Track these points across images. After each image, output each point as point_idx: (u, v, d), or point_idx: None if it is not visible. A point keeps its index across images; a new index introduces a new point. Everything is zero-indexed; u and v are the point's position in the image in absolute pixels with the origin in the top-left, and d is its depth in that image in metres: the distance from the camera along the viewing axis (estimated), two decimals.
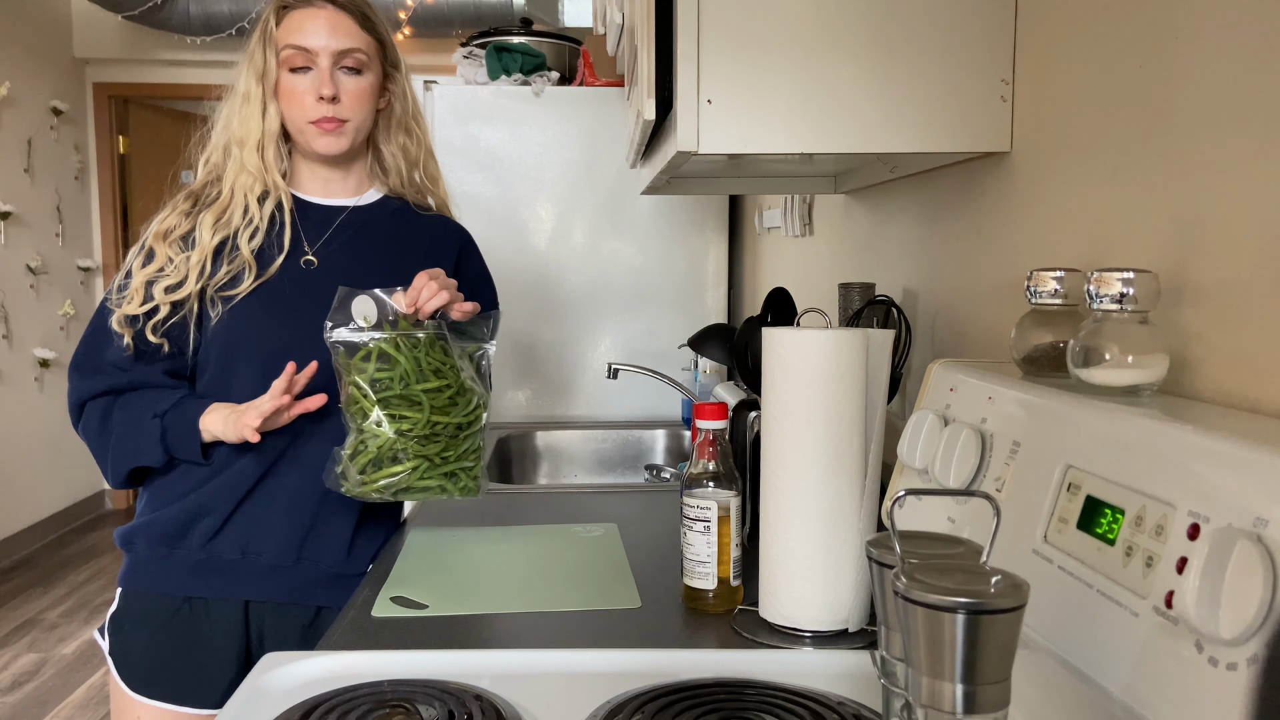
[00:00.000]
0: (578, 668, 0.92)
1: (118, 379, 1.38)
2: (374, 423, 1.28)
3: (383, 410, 1.27)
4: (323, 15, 1.38)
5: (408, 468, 1.28)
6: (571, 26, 4.43)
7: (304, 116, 1.39)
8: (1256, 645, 0.53)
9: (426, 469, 1.30)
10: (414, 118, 1.51)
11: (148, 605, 1.41)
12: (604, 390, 2.74)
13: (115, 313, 1.36)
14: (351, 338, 1.29)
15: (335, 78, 1.38)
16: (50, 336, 5.32)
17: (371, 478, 1.29)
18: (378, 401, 1.27)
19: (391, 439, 1.27)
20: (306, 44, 1.37)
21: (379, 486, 1.29)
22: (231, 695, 0.88)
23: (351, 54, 1.39)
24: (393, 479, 1.28)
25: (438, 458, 1.30)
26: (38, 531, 5.11)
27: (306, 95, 1.38)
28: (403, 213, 1.52)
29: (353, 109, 1.41)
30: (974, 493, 0.61)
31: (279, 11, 1.39)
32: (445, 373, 1.31)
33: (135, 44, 5.50)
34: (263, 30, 1.39)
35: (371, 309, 1.30)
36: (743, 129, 1.08)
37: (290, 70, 1.38)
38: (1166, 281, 0.81)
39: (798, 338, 0.96)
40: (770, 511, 0.99)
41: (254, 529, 1.40)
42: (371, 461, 1.28)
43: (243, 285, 1.37)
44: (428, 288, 1.30)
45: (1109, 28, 0.91)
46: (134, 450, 1.37)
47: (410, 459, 1.28)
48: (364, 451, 1.28)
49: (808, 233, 2.06)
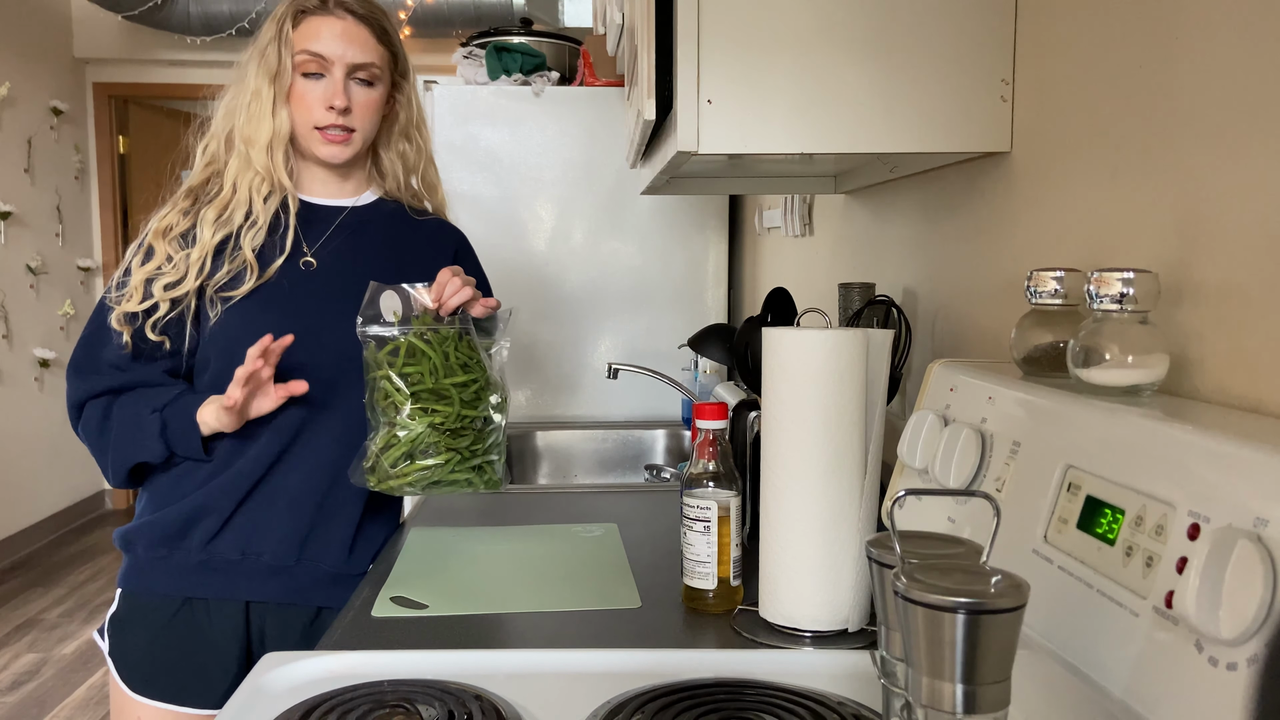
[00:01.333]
0: (578, 668, 0.92)
1: (116, 378, 1.38)
2: (406, 416, 1.28)
3: (414, 404, 1.28)
4: (341, 25, 1.38)
5: (440, 460, 1.28)
6: (571, 26, 4.43)
7: (311, 122, 1.39)
8: (1256, 645, 0.53)
9: (458, 462, 1.30)
10: (417, 126, 1.51)
11: (148, 606, 1.41)
12: (604, 390, 2.74)
13: (114, 310, 1.36)
14: (383, 332, 1.30)
15: (348, 89, 1.39)
16: (50, 336, 5.32)
17: (404, 471, 1.29)
18: (410, 396, 1.28)
19: (424, 433, 1.27)
20: (323, 52, 1.37)
21: (412, 480, 1.29)
22: (231, 695, 0.88)
23: (367, 68, 1.39)
24: (425, 472, 1.29)
25: (467, 451, 1.30)
26: (38, 531, 5.11)
27: (317, 102, 1.38)
28: (399, 214, 1.52)
29: (362, 120, 1.41)
30: (974, 493, 0.61)
31: (297, 15, 1.38)
32: (473, 367, 1.31)
33: (135, 44, 5.50)
34: (279, 30, 1.38)
35: (398, 304, 1.30)
36: (743, 129, 1.08)
37: (303, 75, 1.38)
38: (1166, 281, 0.81)
39: (798, 338, 0.96)
40: (770, 511, 0.99)
41: (255, 529, 1.40)
42: (404, 455, 1.29)
43: (243, 286, 1.37)
44: (451, 284, 1.31)
45: (1109, 28, 0.91)
46: (134, 446, 1.37)
47: (442, 452, 1.28)
48: (396, 445, 1.28)
49: (808, 233, 2.06)
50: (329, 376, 1.38)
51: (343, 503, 1.42)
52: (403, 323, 1.30)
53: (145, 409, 1.37)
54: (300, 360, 1.37)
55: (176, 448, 1.37)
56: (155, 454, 1.37)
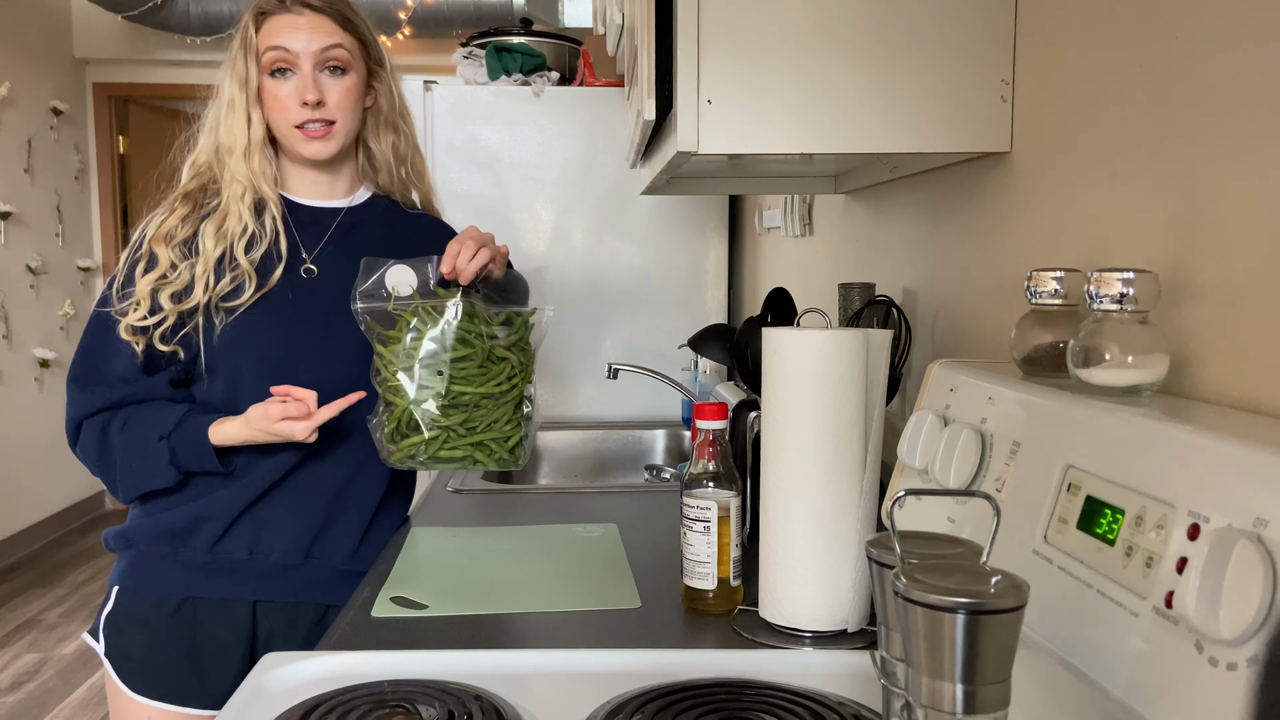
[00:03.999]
0: (578, 668, 0.92)
1: (119, 392, 1.36)
2: (390, 390, 1.27)
3: (408, 379, 1.27)
4: (302, 19, 1.37)
5: (424, 439, 1.27)
6: (571, 26, 4.42)
7: (288, 121, 1.37)
8: (1256, 645, 0.53)
9: (448, 439, 1.28)
10: (401, 114, 1.50)
11: (148, 604, 1.40)
12: (604, 390, 2.73)
13: (122, 322, 1.34)
14: (378, 307, 1.29)
15: (318, 80, 1.37)
16: (50, 336, 5.32)
17: (399, 446, 1.28)
18: (401, 369, 1.27)
19: (407, 408, 1.27)
20: (285, 44, 1.35)
21: (401, 456, 1.29)
22: (232, 696, 0.88)
23: (332, 51, 1.37)
24: (414, 448, 1.28)
25: (461, 428, 1.28)
26: (38, 531, 5.11)
27: (290, 100, 1.36)
28: (392, 211, 1.52)
29: (339, 110, 1.39)
30: (974, 493, 0.61)
31: (258, 18, 1.38)
32: (472, 341, 1.28)
33: (135, 44, 5.50)
34: (242, 37, 1.38)
35: (410, 277, 1.29)
36: (743, 129, 1.08)
37: (271, 75, 1.37)
38: (1166, 281, 0.81)
39: (798, 338, 0.96)
40: (770, 511, 0.99)
41: (263, 529, 1.40)
42: (395, 430, 1.28)
43: (244, 296, 1.36)
44: (465, 249, 1.29)
45: (1109, 28, 0.91)
46: (145, 476, 1.36)
47: (429, 429, 1.27)
48: (389, 420, 1.28)
49: (808, 233, 2.06)
50: (343, 379, 1.38)
51: (355, 501, 1.42)
52: (400, 299, 1.29)
53: (152, 436, 1.35)
54: (313, 367, 1.37)
55: (191, 468, 1.36)
56: (169, 479, 1.36)
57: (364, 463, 1.43)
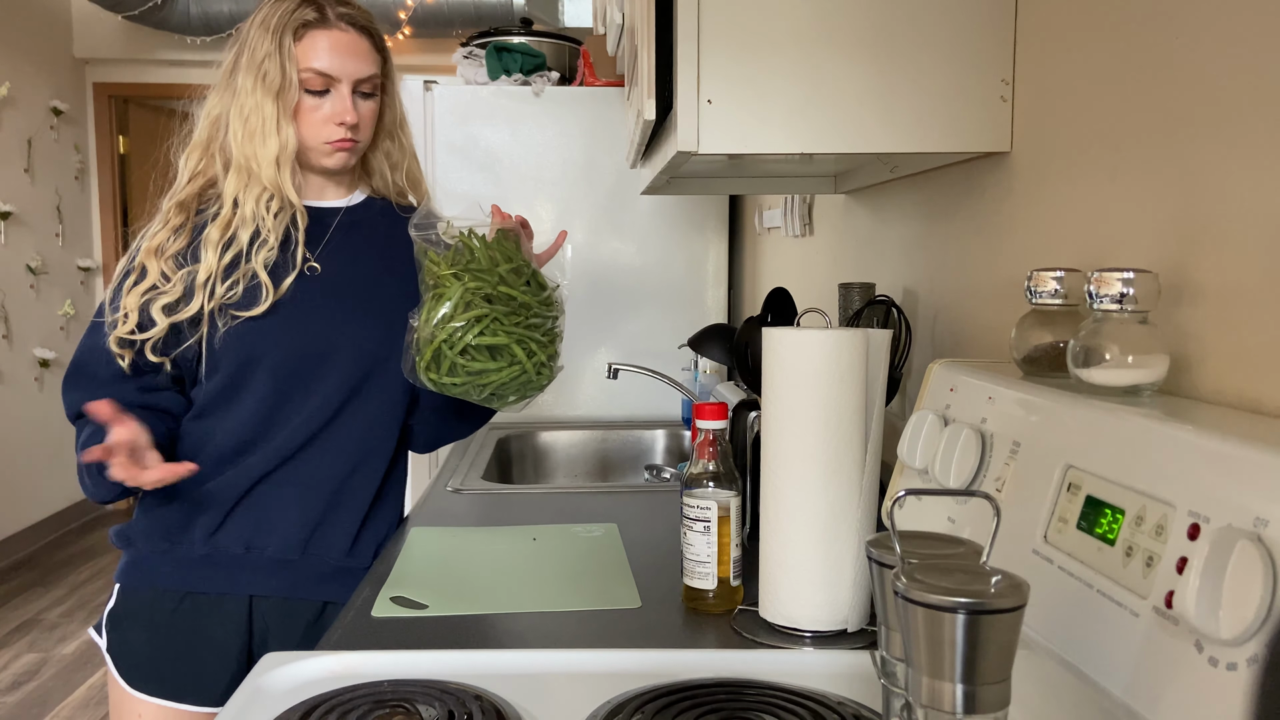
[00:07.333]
0: (578, 668, 0.92)
1: (112, 390, 1.35)
2: (441, 284, 1.31)
3: (454, 275, 1.30)
4: (345, 39, 1.38)
5: (472, 315, 1.28)
6: (571, 26, 4.43)
7: (319, 137, 1.39)
8: (1256, 645, 0.53)
9: (492, 322, 1.29)
10: (400, 124, 1.52)
11: (148, 601, 1.40)
12: (604, 390, 2.73)
13: (111, 335, 1.34)
14: (429, 230, 1.34)
15: (355, 103, 1.39)
16: (50, 336, 5.32)
17: (442, 328, 1.29)
18: (452, 270, 1.30)
19: (460, 290, 1.29)
20: (329, 70, 1.36)
21: (445, 337, 1.29)
22: (233, 693, 0.88)
23: (370, 80, 1.40)
24: (456, 332, 1.28)
25: (505, 319, 1.30)
26: (38, 531, 5.11)
27: (327, 119, 1.38)
28: (389, 211, 1.52)
29: (365, 129, 1.43)
30: (974, 493, 0.61)
31: (299, 29, 1.36)
32: (514, 256, 1.35)
33: (135, 44, 5.50)
34: (278, 44, 1.36)
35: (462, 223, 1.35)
36: (743, 129, 1.08)
37: (307, 91, 1.37)
38: (1166, 281, 0.81)
39: (798, 338, 0.96)
40: (770, 511, 0.99)
41: (259, 523, 1.40)
42: (439, 318, 1.29)
43: (259, 305, 1.35)
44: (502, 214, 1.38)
45: (1109, 28, 0.91)
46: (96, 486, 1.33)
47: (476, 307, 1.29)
48: (434, 305, 1.30)
49: (808, 233, 2.06)
50: (348, 374, 1.39)
51: (351, 496, 1.43)
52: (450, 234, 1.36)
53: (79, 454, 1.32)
54: (312, 366, 1.37)
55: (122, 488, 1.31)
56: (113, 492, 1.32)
57: (361, 457, 1.43)
